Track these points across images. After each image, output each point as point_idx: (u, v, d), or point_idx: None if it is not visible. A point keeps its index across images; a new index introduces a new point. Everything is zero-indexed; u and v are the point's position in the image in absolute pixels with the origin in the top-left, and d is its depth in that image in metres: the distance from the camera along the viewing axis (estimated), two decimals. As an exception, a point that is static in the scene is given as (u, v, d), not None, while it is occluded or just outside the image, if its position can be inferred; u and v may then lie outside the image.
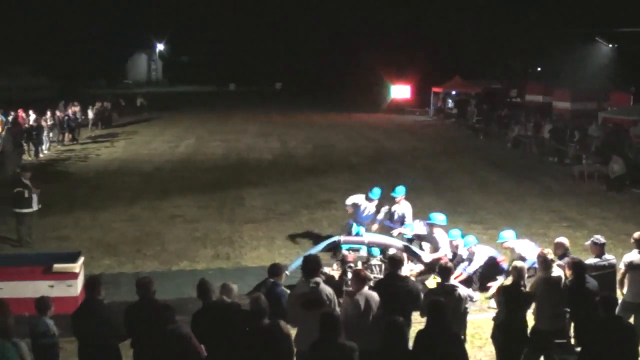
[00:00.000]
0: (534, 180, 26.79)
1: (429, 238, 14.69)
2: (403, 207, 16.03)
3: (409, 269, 14.35)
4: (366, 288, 9.40)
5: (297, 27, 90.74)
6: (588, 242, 11.63)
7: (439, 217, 14.53)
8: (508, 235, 14.02)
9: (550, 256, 10.24)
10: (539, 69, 71.96)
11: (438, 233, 14.48)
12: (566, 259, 10.75)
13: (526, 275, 10.07)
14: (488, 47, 68.29)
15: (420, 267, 14.74)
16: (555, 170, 29.29)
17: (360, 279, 9.39)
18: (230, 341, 8.74)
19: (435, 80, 55.44)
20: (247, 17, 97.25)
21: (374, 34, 70.38)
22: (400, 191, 16.20)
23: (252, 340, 8.25)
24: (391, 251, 13.49)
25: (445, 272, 9.91)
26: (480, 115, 44.26)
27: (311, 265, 9.53)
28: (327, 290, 9.23)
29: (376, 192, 16.40)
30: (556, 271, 10.08)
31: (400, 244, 14.26)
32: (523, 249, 13.53)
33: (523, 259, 13.04)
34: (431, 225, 14.47)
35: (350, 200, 16.62)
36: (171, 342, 8.22)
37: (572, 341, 10.26)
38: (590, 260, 11.13)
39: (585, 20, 58.88)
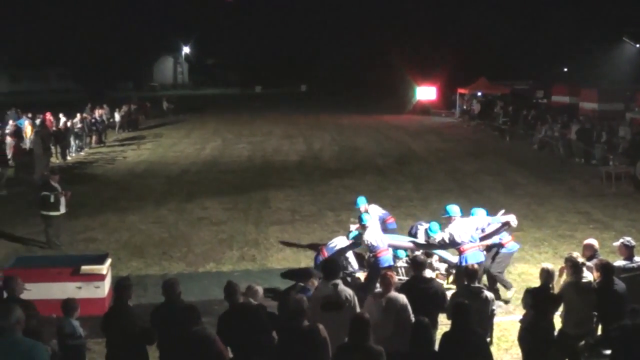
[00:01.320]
0: (560, 182, 26.61)
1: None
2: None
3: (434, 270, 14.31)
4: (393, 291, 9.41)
5: (322, 30, 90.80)
6: (617, 243, 11.51)
7: (454, 209, 13.73)
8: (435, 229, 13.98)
9: (580, 260, 10.16)
10: (565, 69, 71.54)
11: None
12: (594, 261, 10.67)
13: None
14: (514, 48, 67.96)
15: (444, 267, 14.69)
16: (582, 171, 29.06)
17: (387, 282, 9.39)
18: (256, 343, 8.75)
19: (461, 82, 55.26)
20: (272, 19, 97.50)
21: (400, 35, 70.32)
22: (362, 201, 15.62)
23: (291, 342, 8.23)
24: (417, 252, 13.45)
25: (471, 274, 9.88)
26: (506, 117, 44.01)
27: (330, 267, 9.53)
28: (347, 291, 9.22)
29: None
30: (586, 276, 10.00)
31: (411, 244, 14.16)
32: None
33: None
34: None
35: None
36: (195, 344, 8.23)
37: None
38: (619, 262, 11.04)
39: (612, 20, 58.43)
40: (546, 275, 9.79)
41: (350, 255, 14.27)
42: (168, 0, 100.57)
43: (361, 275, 13.97)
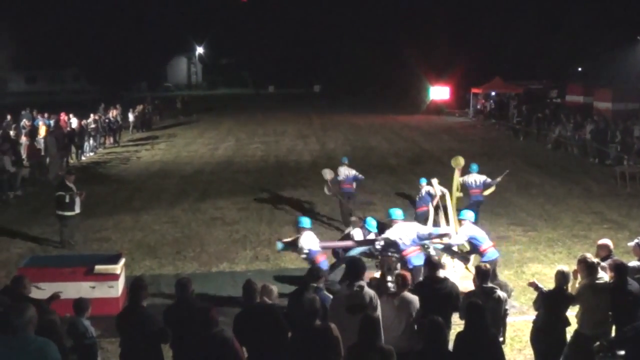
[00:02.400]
0: (575, 182, 26.52)
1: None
2: None
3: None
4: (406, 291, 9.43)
5: (336, 30, 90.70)
6: (632, 244, 11.44)
7: (397, 212, 13.88)
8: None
9: (595, 260, 10.08)
10: (579, 69, 71.24)
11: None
12: (609, 261, 10.60)
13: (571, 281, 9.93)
14: (528, 48, 67.70)
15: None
16: (597, 171, 28.98)
17: (402, 282, 9.40)
18: (273, 343, 8.72)
19: (474, 81, 55.08)
20: (285, 20, 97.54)
21: (413, 35, 70.08)
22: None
23: (303, 341, 8.22)
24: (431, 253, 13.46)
25: (483, 274, 9.86)
26: (520, 116, 43.88)
27: (356, 269, 9.51)
28: (370, 293, 9.21)
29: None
30: (602, 276, 9.92)
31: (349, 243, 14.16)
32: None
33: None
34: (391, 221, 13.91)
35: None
36: (215, 346, 8.20)
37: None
38: (634, 262, 10.95)
39: (626, 19, 58.19)
40: (561, 277, 9.71)
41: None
42: (181, 0, 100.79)
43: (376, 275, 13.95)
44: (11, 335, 6.88)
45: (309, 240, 13.17)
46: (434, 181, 17.29)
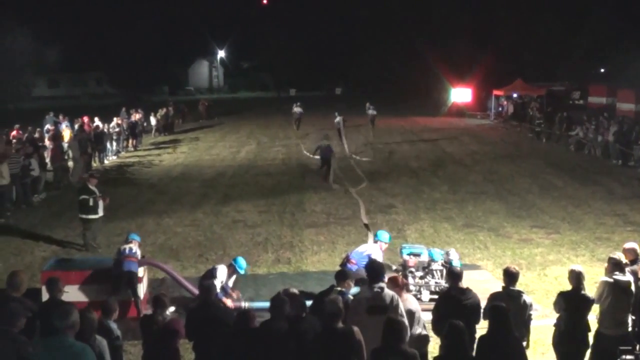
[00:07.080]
0: (597, 184, 26.35)
1: None
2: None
3: None
4: (405, 293, 9.46)
5: (357, 31, 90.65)
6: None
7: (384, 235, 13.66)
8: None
9: (624, 260, 10.03)
10: (602, 70, 70.73)
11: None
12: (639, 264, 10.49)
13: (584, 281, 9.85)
14: (550, 49, 67.29)
15: None
16: (620, 173, 28.78)
17: (397, 285, 9.39)
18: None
19: (496, 83, 54.80)
20: (307, 22, 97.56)
21: (435, 37, 69.93)
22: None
23: (326, 343, 8.18)
24: (453, 256, 13.42)
25: (511, 276, 9.78)
26: (542, 118, 43.66)
27: (375, 270, 9.48)
28: (391, 294, 9.16)
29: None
30: (624, 276, 9.85)
31: None
32: None
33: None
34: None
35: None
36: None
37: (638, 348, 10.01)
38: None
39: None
40: (575, 277, 9.64)
41: None
42: (203, 4, 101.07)
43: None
44: (50, 337, 6.94)
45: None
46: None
